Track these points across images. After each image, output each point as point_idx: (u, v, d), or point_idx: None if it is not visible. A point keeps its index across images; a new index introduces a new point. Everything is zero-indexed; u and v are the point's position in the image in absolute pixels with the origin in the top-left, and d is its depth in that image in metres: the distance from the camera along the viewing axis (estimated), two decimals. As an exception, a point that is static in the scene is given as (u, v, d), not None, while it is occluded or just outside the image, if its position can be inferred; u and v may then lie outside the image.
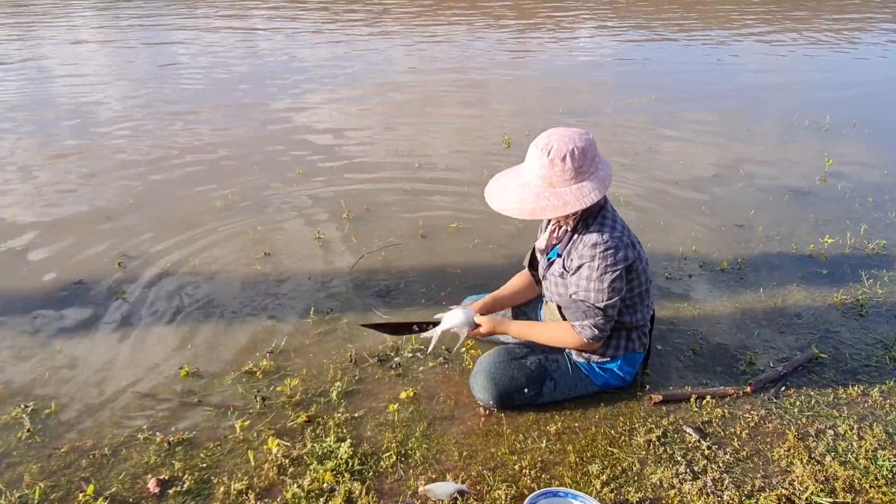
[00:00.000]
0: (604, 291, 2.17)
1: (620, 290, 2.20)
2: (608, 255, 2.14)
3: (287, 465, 2.17)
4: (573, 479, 2.11)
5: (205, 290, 3.34)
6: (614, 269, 2.15)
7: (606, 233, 2.17)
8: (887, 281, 3.39)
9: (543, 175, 2.11)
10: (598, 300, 2.18)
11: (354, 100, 7.20)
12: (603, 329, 2.23)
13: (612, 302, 2.19)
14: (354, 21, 12.88)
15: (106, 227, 4.04)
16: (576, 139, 2.10)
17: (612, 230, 2.18)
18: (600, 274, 2.15)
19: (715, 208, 4.32)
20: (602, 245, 2.15)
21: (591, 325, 2.22)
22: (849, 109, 6.76)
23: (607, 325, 2.24)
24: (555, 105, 6.89)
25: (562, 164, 2.08)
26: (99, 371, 2.71)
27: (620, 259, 2.16)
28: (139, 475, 2.15)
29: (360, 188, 4.66)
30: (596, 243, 2.15)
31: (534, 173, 2.14)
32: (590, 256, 2.16)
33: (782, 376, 2.62)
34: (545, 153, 2.09)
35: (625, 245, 2.19)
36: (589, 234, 2.19)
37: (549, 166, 2.09)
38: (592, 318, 2.21)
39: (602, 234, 2.16)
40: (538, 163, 2.12)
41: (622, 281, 2.19)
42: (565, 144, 2.08)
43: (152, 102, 7.02)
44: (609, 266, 2.15)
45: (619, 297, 2.21)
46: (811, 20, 13.27)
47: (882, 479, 2.10)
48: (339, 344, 2.88)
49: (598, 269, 2.15)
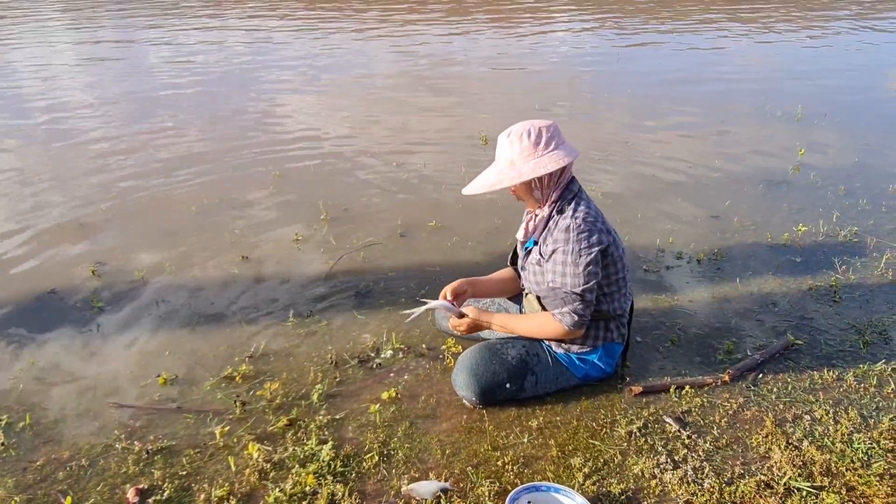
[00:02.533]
0: (579, 276, 2.19)
1: (596, 273, 2.22)
2: (581, 239, 2.18)
3: (268, 470, 2.15)
4: (556, 474, 2.11)
5: (181, 295, 3.30)
6: (588, 252, 2.18)
7: (580, 217, 2.22)
8: (859, 267, 3.44)
9: (506, 156, 2.26)
10: (575, 285, 2.20)
11: (332, 100, 7.17)
12: (582, 315, 2.24)
13: (589, 286, 2.21)
14: (335, 19, 12.81)
15: (79, 233, 3.97)
16: (536, 123, 2.25)
17: (586, 215, 2.23)
18: (575, 258, 2.18)
19: (691, 199, 4.37)
20: (575, 229, 2.19)
21: (571, 311, 2.22)
22: (820, 99, 6.87)
23: (587, 311, 2.25)
24: (531, 101, 6.91)
25: (519, 141, 2.22)
26: (74, 381, 2.66)
27: (594, 242, 2.20)
28: (118, 485, 2.12)
29: (338, 189, 4.63)
30: (569, 227, 2.20)
31: (500, 156, 2.30)
32: (563, 240, 2.20)
33: (759, 364, 2.65)
34: (506, 135, 2.27)
35: (598, 230, 2.23)
36: (562, 218, 2.24)
37: (509, 145, 2.24)
38: (571, 305, 2.22)
39: (575, 218, 2.21)
40: (502, 145, 2.28)
41: (597, 265, 2.22)
42: (525, 126, 2.24)
43: (126, 104, 6.92)
44: (583, 249, 2.18)
45: (596, 282, 2.23)
46: (782, 13, 13.45)
47: (858, 462, 2.14)
48: (320, 346, 2.86)
49: (572, 253, 2.19)
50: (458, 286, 2.50)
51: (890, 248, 3.62)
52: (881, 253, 3.56)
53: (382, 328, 2.96)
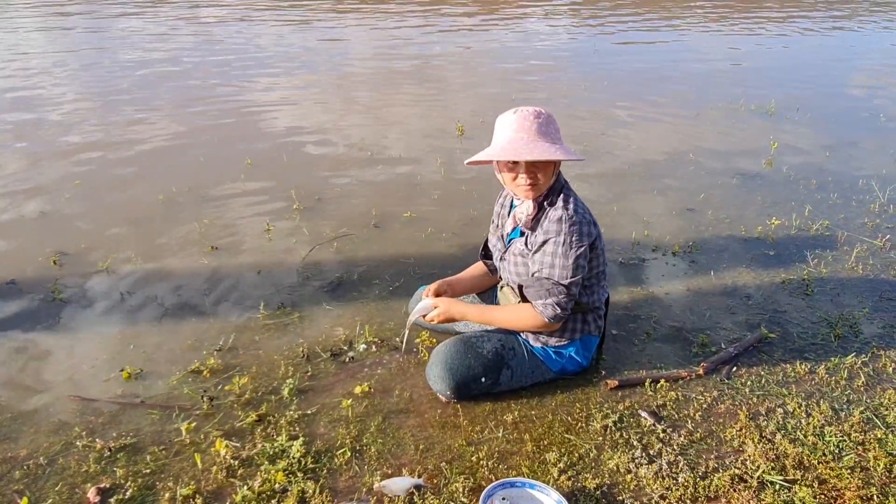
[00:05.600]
0: (569, 268, 2.16)
1: (584, 267, 2.21)
2: (574, 231, 2.16)
3: (236, 467, 2.09)
4: (531, 469, 2.09)
5: (147, 287, 3.19)
6: (579, 245, 2.16)
7: (571, 208, 2.19)
8: (831, 260, 3.48)
9: (543, 132, 2.11)
10: (563, 277, 2.17)
11: (306, 89, 7.04)
12: (564, 308, 2.20)
13: (576, 279, 2.19)
14: (311, 8, 12.61)
15: (41, 222, 3.83)
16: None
17: (578, 207, 2.21)
18: (566, 249, 2.16)
19: (666, 193, 4.37)
20: (567, 220, 2.16)
21: (554, 303, 2.19)
22: (792, 94, 6.96)
23: (569, 305, 2.21)
24: (507, 92, 6.87)
25: (552, 121, 2.15)
26: (34, 375, 2.56)
27: (585, 234, 2.18)
28: (78, 485, 2.04)
29: (311, 178, 4.54)
30: (561, 218, 2.16)
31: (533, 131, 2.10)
32: (555, 231, 2.17)
33: (733, 357, 2.66)
34: (539, 114, 2.13)
35: (588, 222, 2.21)
36: (553, 210, 2.20)
37: (547, 123, 2.12)
38: (555, 297, 2.19)
39: (567, 209, 2.18)
40: (535, 121, 2.11)
41: (586, 259, 2.21)
42: (546, 111, 2.16)
43: (92, 90, 6.72)
44: (575, 241, 2.16)
45: (582, 276, 2.21)
46: (757, 10, 13.59)
47: (829, 455, 2.15)
48: (291, 339, 2.79)
49: (563, 245, 2.16)
50: (438, 287, 2.46)
51: (860, 241, 3.67)
52: (851, 247, 3.60)
53: (356, 321, 2.90)
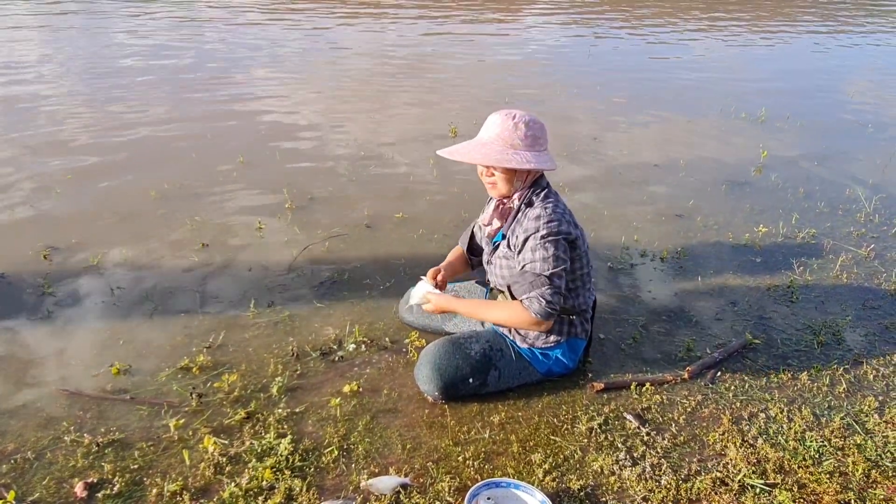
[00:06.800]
0: (548, 260, 2.20)
1: (564, 261, 2.24)
2: (551, 226, 2.22)
3: (224, 464, 2.10)
4: (516, 469, 2.11)
5: (138, 283, 3.20)
6: (556, 237, 2.22)
7: (549, 207, 2.26)
8: (816, 268, 3.53)
9: (506, 137, 2.23)
10: (544, 269, 2.20)
11: (300, 88, 7.04)
12: (550, 302, 2.20)
13: (558, 271, 2.21)
14: (306, 9, 12.59)
15: (31, 216, 3.82)
16: (535, 116, 2.28)
17: (556, 206, 2.28)
18: (544, 242, 2.21)
19: (656, 198, 4.41)
20: (545, 217, 2.23)
21: (538, 295, 2.20)
22: (783, 102, 7.02)
23: (555, 299, 2.21)
24: (501, 95, 6.90)
25: (525, 128, 2.22)
26: (23, 369, 2.55)
27: (563, 230, 2.24)
28: (65, 479, 2.04)
29: (304, 177, 4.55)
30: (539, 216, 2.24)
31: (494, 134, 2.25)
32: (534, 228, 2.23)
33: (718, 362, 2.69)
34: (510, 117, 2.24)
35: (567, 222, 2.27)
36: (532, 209, 2.28)
37: (514, 128, 2.22)
38: (539, 289, 2.20)
39: (545, 208, 2.26)
40: (502, 124, 2.23)
41: (566, 253, 2.25)
42: (528, 116, 2.26)
43: (85, 85, 6.69)
44: (552, 234, 2.21)
45: (564, 268, 2.23)
46: (750, 19, 13.70)
47: (810, 460, 2.19)
48: (281, 337, 2.80)
49: (541, 238, 2.21)
50: (435, 271, 2.56)
51: (845, 250, 3.72)
52: (837, 255, 3.66)
53: (346, 320, 2.92)
